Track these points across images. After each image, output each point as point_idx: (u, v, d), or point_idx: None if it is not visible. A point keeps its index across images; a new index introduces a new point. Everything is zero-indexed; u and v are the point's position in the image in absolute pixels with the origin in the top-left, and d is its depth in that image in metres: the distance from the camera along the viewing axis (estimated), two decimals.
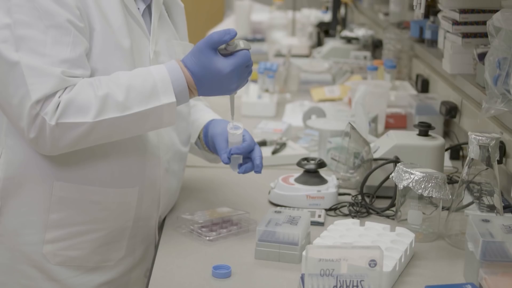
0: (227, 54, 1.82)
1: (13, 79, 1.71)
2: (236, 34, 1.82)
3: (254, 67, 3.70)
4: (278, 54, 4.20)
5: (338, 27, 4.72)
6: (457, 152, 2.53)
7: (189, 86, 1.81)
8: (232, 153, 1.93)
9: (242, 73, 1.84)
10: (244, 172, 1.95)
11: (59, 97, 1.71)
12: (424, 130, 2.18)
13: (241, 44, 1.83)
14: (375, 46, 4.07)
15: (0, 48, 1.72)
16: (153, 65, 1.91)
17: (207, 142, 2.09)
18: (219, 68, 1.80)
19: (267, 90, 3.21)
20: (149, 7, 1.98)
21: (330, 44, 4.32)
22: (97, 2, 1.81)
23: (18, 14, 1.72)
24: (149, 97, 1.76)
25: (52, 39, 1.73)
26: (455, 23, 2.58)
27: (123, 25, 1.84)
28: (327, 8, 5.08)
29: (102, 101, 1.72)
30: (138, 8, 1.93)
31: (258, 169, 1.92)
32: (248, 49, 1.84)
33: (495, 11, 2.08)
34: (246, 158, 1.96)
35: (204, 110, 2.19)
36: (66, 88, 1.72)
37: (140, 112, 1.76)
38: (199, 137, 2.12)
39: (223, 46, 1.82)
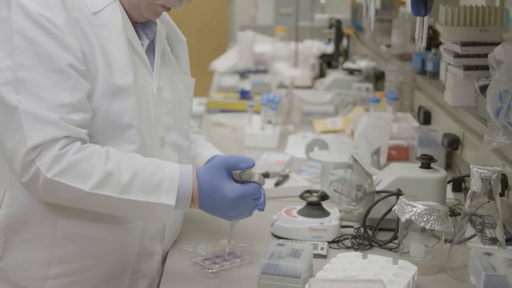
0: (238, 181, 1.83)
1: (11, 123, 1.72)
2: (253, 165, 1.83)
3: (257, 99, 3.73)
4: (281, 86, 4.22)
5: (341, 59, 4.74)
6: (459, 184, 2.54)
7: (193, 197, 1.82)
8: None
9: (246, 204, 1.83)
10: None
11: (59, 150, 1.71)
12: (426, 162, 2.18)
13: (256, 177, 1.84)
14: (377, 78, 4.08)
15: (1, 90, 1.73)
16: (156, 101, 1.93)
17: None
18: (225, 190, 1.80)
19: (270, 122, 3.22)
20: (152, 43, 2.00)
21: (333, 75, 4.34)
22: (102, 41, 1.82)
23: (20, 56, 1.74)
24: (150, 191, 1.77)
25: (52, 83, 1.74)
26: (457, 55, 2.59)
27: (128, 63, 1.85)
28: (329, 40, 5.11)
29: (105, 176, 1.73)
30: (142, 44, 1.95)
31: (261, 207, 1.93)
32: (261, 185, 1.85)
33: (497, 44, 2.09)
34: None
35: (206, 146, 2.20)
36: (75, 143, 1.73)
37: (137, 201, 1.76)
38: None
39: (238, 172, 1.83)
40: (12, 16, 1.76)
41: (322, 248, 2.02)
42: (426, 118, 3.15)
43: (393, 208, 1.94)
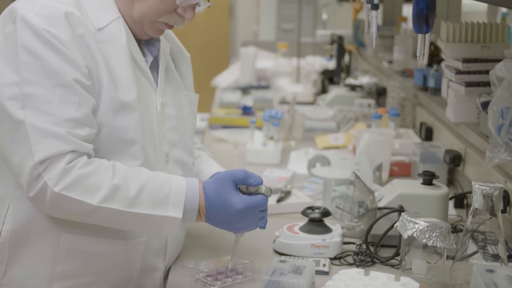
0: (246, 193, 1.84)
1: (17, 137, 1.73)
2: (262, 182, 1.85)
3: (259, 114, 3.73)
4: (283, 101, 4.23)
5: (342, 75, 4.75)
6: (461, 201, 2.54)
7: (199, 210, 1.83)
8: None
9: (253, 215, 1.85)
10: None
11: (66, 164, 1.72)
12: (428, 179, 2.19)
13: (263, 189, 1.86)
14: (379, 94, 4.09)
15: (7, 105, 1.74)
16: (160, 117, 1.94)
17: None
18: (233, 202, 1.82)
19: (272, 138, 3.23)
20: (156, 59, 2.01)
21: (335, 91, 4.35)
22: (106, 57, 1.83)
23: (26, 72, 1.75)
24: (158, 204, 1.78)
25: (58, 98, 1.75)
26: (458, 72, 2.60)
27: (132, 79, 1.86)
28: (331, 56, 5.11)
29: (113, 189, 1.74)
30: (146, 61, 1.96)
31: (262, 225, 1.93)
32: (267, 196, 1.86)
33: (498, 60, 2.10)
34: None
35: (209, 162, 2.21)
36: (81, 157, 1.74)
37: (144, 214, 1.77)
38: None
39: (245, 185, 1.85)
40: (17, 32, 1.77)
41: (324, 265, 2.02)
42: (428, 134, 3.15)
43: (395, 225, 1.94)
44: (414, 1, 1.72)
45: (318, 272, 1.96)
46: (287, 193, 2.57)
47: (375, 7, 2.45)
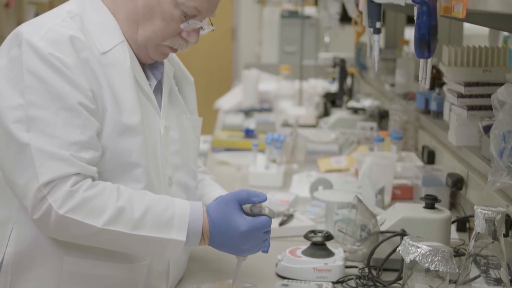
0: (249, 215, 1.85)
1: (22, 160, 1.74)
2: (266, 199, 1.86)
3: (261, 137, 3.74)
4: (285, 124, 4.24)
5: (345, 98, 4.75)
6: (463, 224, 2.54)
7: (203, 233, 1.83)
8: None
9: (257, 237, 1.86)
10: None
11: (71, 187, 1.73)
12: (431, 203, 2.19)
13: (267, 210, 1.87)
14: (382, 117, 4.09)
15: (12, 128, 1.75)
16: (163, 140, 1.94)
17: None
18: (237, 224, 1.83)
19: (274, 161, 3.23)
20: (160, 83, 2.02)
21: (337, 114, 4.35)
22: (110, 81, 1.85)
23: (31, 95, 1.76)
24: (162, 227, 1.79)
25: (62, 121, 1.76)
26: (460, 96, 2.61)
27: (135, 103, 1.87)
28: (333, 79, 5.13)
29: (117, 212, 1.75)
30: (150, 84, 1.97)
31: (265, 249, 1.94)
32: (271, 218, 1.87)
33: (500, 84, 2.11)
34: None
35: (212, 186, 2.21)
36: (86, 180, 1.75)
37: (148, 236, 1.78)
38: None
39: (249, 206, 1.85)
40: (22, 56, 1.78)
41: None
42: (430, 157, 3.16)
43: (397, 249, 1.94)
44: (416, 26, 1.73)
45: None
46: (289, 217, 2.57)
47: (377, 31, 2.46)
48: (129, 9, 1.93)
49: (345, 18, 4.55)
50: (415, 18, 1.76)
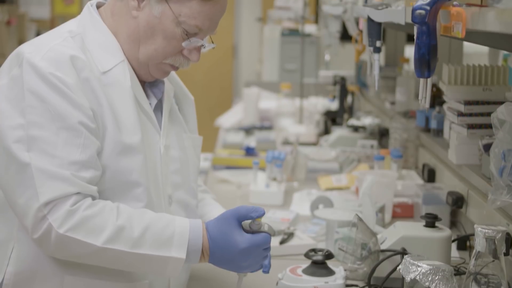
0: (248, 232, 1.85)
1: (22, 180, 1.74)
2: (264, 213, 1.86)
3: (262, 155, 3.75)
4: (286, 142, 4.24)
5: (345, 116, 4.76)
6: (464, 243, 2.53)
7: (203, 250, 1.83)
8: None
9: (257, 254, 1.86)
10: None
11: (71, 206, 1.73)
12: (431, 221, 2.19)
13: (266, 227, 1.87)
14: (382, 135, 4.10)
15: (12, 147, 1.76)
16: (163, 159, 1.95)
17: None
18: (237, 241, 1.83)
19: (274, 179, 3.23)
20: (160, 102, 2.03)
21: (337, 132, 4.36)
22: (110, 100, 1.85)
23: (31, 115, 1.77)
24: (161, 245, 1.79)
25: (63, 140, 1.77)
26: (460, 114, 2.61)
27: (135, 122, 1.88)
28: (334, 97, 5.14)
29: (117, 230, 1.76)
30: (150, 103, 1.98)
31: (266, 269, 1.94)
32: (271, 234, 1.87)
33: (500, 103, 2.11)
34: None
35: (212, 205, 2.21)
36: (86, 199, 1.75)
37: (148, 255, 1.78)
38: None
39: (247, 222, 1.85)
40: (23, 75, 1.79)
41: None
42: (430, 175, 3.16)
43: (398, 268, 1.94)
44: (416, 46, 1.74)
45: None
46: (290, 235, 2.57)
47: (377, 50, 2.48)
48: (131, 28, 1.94)
49: (345, 36, 4.56)
50: (415, 37, 1.77)
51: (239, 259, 1.84)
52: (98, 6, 2.01)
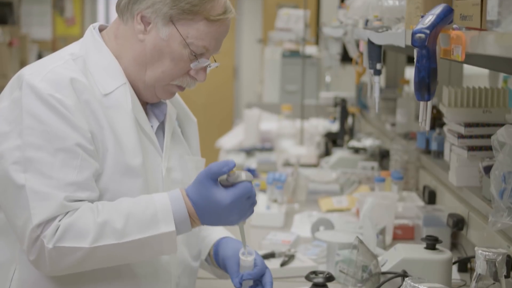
0: (228, 186, 1.84)
1: (19, 201, 1.75)
2: (234, 165, 1.84)
3: (263, 177, 3.75)
4: (287, 164, 4.25)
5: (346, 137, 4.77)
6: (465, 265, 2.53)
7: (191, 216, 1.83)
8: (244, 279, 1.95)
9: (243, 205, 1.84)
10: None
11: (59, 220, 1.74)
12: (432, 243, 2.19)
13: (243, 175, 1.84)
14: (383, 156, 4.11)
15: (9, 169, 1.76)
16: (165, 182, 1.95)
17: (218, 261, 2.09)
18: (218, 199, 1.81)
19: (275, 201, 3.24)
20: (162, 124, 2.03)
21: (338, 154, 4.37)
22: (111, 123, 1.86)
23: (29, 136, 1.77)
24: (148, 225, 1.78)
25: (60, 162, 1.77)
26: (460, 136, 2.62)
27: (136, 144, 1.88)
28: (334, 118, 5.15)
29: (100, 228, 1.75)
30: (152, 126, 1.98)
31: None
32: (249, 181, 1.86)
33: (500, 125, 2.12)
34: (257, 281, 1.97)
35: (214, 227, 2.21)
36: (67, 212, 1.75)
37: (138, 239, 1.77)
38: (209, 254, 2.13)
39: (224, 177, 1.83)
40: (23, 97, 1.80)
41: None
42: (431, 197, 3.17)
43: None
44: (416, 69, 1.74)
45: None
46: (290, 257, 2.57)
47: (377, 72, 2.49)
48: (137, 51, 1.95)
49: (346, 58, 4.58)
50: (415, 60, 1.77)
51: (226, 215, 1.83)
52: (101, 29, 2.03)
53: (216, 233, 2.16)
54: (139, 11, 1.93)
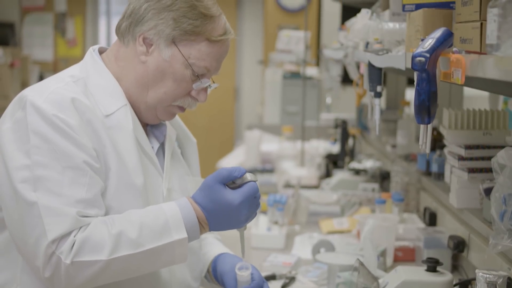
0: (234, 187, 1.87)
1: (31, 219, 1.75)
2: (245, 172, 1.88)
3: (264, 199, 3.75)
4: (287, 185, 4.25)
5: (347, 159, 4.78)
6: (466, 287, 2.53)
7: (200, 222, 1.85)
8: None
9: (251, 204, 1.88)
10: None
11: (74, 236, 1.75)
12: (432, 266, 2.19)
13: (248, 176, 1.89)
14: (383, 178, 4.11)
15: (19, 188, 1.77)
16: (166, 202, 1.96)
17: (216, 277, 2.10)
18: (229, 200, 1.85)
19: (276, 222, 3.24)
20: (162, 145, 2.04)
21: (339, 175, 4.37)
22: (113, 142, 1.87)
23: (37, 155, 1.78)
24: (161, 234, 1.80)
25: (68, 179, 1.78)
26: (461, 158, 2.62)
27: (138, 164, 1.89)
28: (335, 140, 5.16)
29: (116, 239, 1.76)
30: (152, 147, 2.00)
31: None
32: (255, 181, 1.89)
33: (500, 147, 2.12)
34: None
35: (214, 244, 2.22)
36: (81, 227, 1.76)
37: (153, 248, 1.79)
38: (208, 270, 2.14)
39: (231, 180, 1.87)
40: (27, 117, 1.81)
41: None
42: (431, 219, 3.16)
43: None
44: (416, 93, 1.75)
45: None
46: (291, 279, 2.57)
47: (378, 95, 2.50)
48: (139, 72, 1.96)
49: (346, 79, 4.60)
50: (415, 83, 1.78)
51: (237, 215, 1.86)
52: (101, 52, 2.04)
53: (215, 249, 2.17)
54: (141, 33, 1.95)
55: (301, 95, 5.82)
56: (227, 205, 1.85)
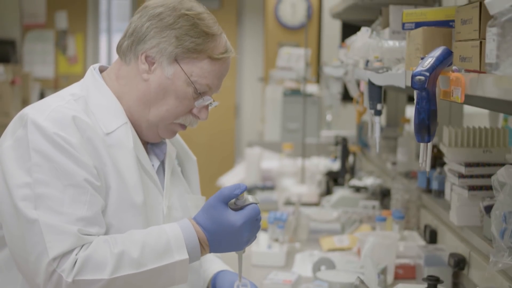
0: (236, 209, 1.87)
1: (31, 237, 1.76)
2: (246, 188, 1.89)
3: (264, 216, 3.75)
4: (288, 202, 4.25)
5: (347, 176, 4.77)
6: None
7: (201, 243, 1.85)
8: None
9: (253, 226, 1.89)
10: None
11: (76, 254, 1.75)
12: (433, 284, 2.19)
13: (250, 198, 1.90)
14: (384, 195, 4.11)
15: (19, 205, 1.77)
16: (166, 220, 1.97)
17: None
18: (231, 221, 1.85)
19: (276, 240, 3.24)
20: (162, 163, 2.05)
21: (339, 193, 4.37)
22: (114, 160, 1.88)
23: (38, 173, 1.79)
24: (162, 254, 1.80)
25: (69, 198, 1.79)
26: (461, 176, 2.62)
27: (138, 183, 1.90)
28: (335, 157, 5.16)
29: (118, 258, 1.76)
30: (153, 165, 2.00)
31: None
32: (257, 203, 1.89)
33: (500, 164, 2.13)
34: None
35: (213, 261, 2.22)
36: (82, 245, 1.77)
37: (154, 268, 1.80)
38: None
39: (232, 201, 1.88)
40: (28, 135, 1.82)
41: None
42: (432, 237, 3.16)
43: None
44: (416, 111, 1.76)
45: None
46: None
47: (378, 112, 2.50)
48: (141, 90, 1.97)
49: (346, 96, 4.61)
50: (415, 102, 1.79)
51: (238, 237, 1.87)
52: (101, 70, 2.05)
53: (214, 266, 2.18)
54: (143, 51, 1.96)
55: (302, 112, 5.82)
56: (229, 226, 1.85)
